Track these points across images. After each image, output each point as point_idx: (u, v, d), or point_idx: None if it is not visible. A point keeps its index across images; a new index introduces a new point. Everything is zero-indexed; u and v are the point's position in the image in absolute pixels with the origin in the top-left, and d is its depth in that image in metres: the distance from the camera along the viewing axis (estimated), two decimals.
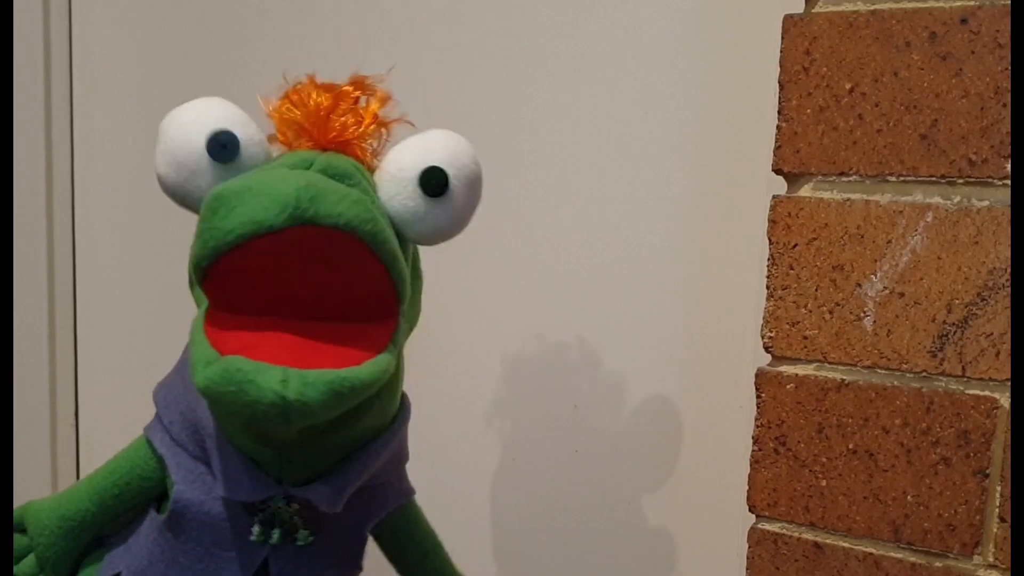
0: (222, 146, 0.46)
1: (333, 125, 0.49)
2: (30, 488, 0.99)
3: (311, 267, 0.43)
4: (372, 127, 0.50)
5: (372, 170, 0.50)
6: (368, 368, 0.44)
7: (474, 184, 0.50)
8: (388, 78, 0.51)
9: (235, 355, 0.42)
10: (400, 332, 0.48)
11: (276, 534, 0.51)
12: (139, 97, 0.97)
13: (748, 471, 0.58)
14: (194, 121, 0.47)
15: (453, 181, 0.48)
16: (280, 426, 0.42)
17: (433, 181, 0.48)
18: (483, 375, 0.83)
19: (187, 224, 1.01)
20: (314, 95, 0.49)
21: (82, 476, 1.03)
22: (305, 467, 0.50)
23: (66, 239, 1.00)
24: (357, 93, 0.50)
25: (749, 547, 0.59)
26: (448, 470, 0.60)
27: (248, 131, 0.47)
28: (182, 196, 0.48)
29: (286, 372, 0.41)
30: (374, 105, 0.50)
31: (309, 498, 0.50)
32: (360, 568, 0.56)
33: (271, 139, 0.50)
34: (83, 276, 1.01)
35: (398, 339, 0.48)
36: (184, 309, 0.99)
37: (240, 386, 0.41)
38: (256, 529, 0.50)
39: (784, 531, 0.58)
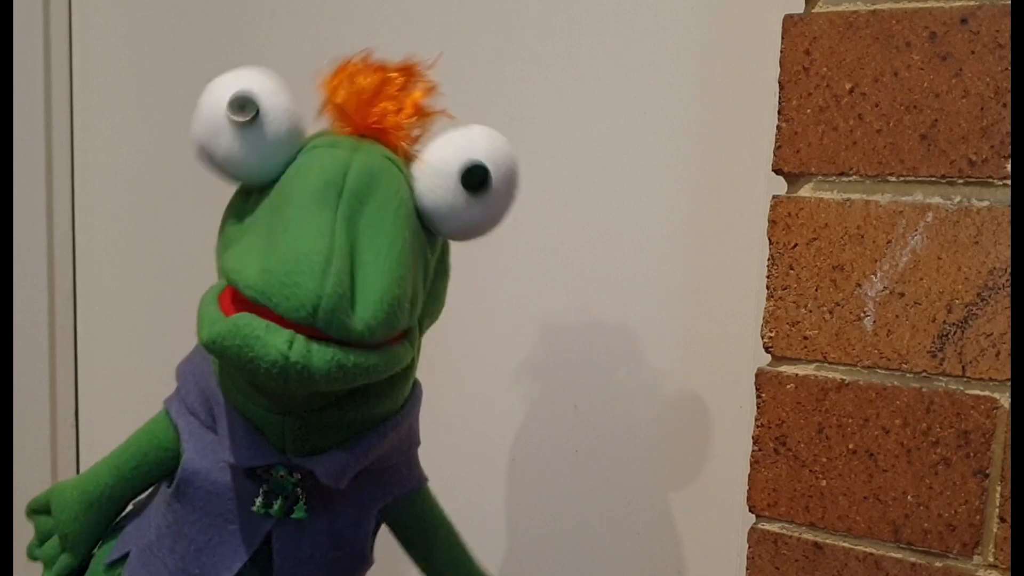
0: (239, 106, 0.46)
1: (373, 111, 0.49)
2: (30, 488, 0.99)
3: None
4: (412, 117, 0.49)
5: (411, 159, 0.49)
6: (378, 354, 0.44)
7: (512, 183, 0.50)
8: (436, 66, 0.50)
9: (246, 313, 0.43)
10: (414, 332, 0.49)
11: (277, 505, 0.51)
12: (139, 96, 0.97)
13: (748, 471, 0.58)
14: (224, 83, 0.48)
15: (494, 178, 0.48)
16: (278, 386, 0.43)
17: (475, 177, 0.47)
18: (483, 375, 0.83)
19: (187, 224, 1.02)
20: (360, 77, 0.48)
21: None
22: (308, 440, 0.50)
23: (66, 239, 1.00)
24: (403, 79, 0.49)
25: (749, 547, 0.59)
26: (447, 470, 0.60)
27: (272, 98, 0.47)
28: (207, 154, 0.48)
29: (295, 336, 0.42)
30: (416, 94, 0.50)
31: (312, 469, 0.50)
32: (368, 560, 0.56)
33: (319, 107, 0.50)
34: (83, 276, 1.01)
35: (412, 337, 0.48)
36: (184, 308, 0.99)
37: (246, 340, 0.42)
38: (259, 501, 0.50)
39: (784, 531, 0.58)
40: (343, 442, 0.50)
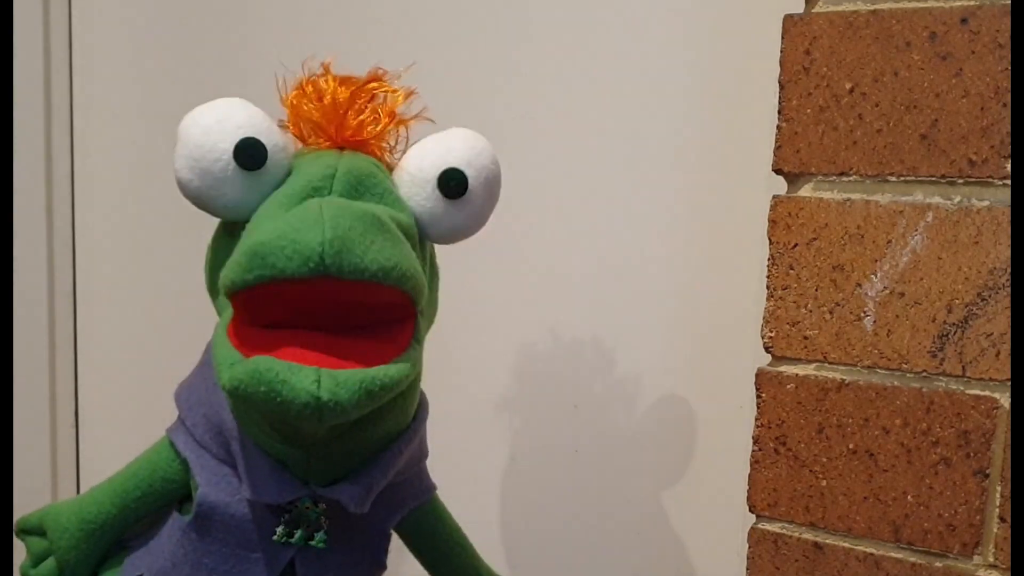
0: (250, 156, 0.45)
1: (350, 123, 0.48)
2: (30, 488, 0.99)
3: (336, 299, 0.43)
4: (390, 125, 0.49)
5: (391, 168, 0.49)
6: (397, 366, 0.44)
7: (492, 185, 0.50)
8: (407, 74, 0.50)
9: (262, 355, 0.42)
10: (420, 329, 0.48)
11: (298, 534, 0.50)
12: (139, 97, 0.97)
13: (748, 471, 0.58)
14: (219, 127, 0.45)
15: (472, 183, 0.48)
16: (312, 425, 0.42)
17: (452, 183, 0.47)
18: (483, 375, 0.83)
19: (187, 225, 1.02)
20: (330, 90, 0.48)
21: (82, 477, 1.03)
22: (331, 467, 0.50)
23: (66, 239, 1.00)
24: (375, 88, 0.49)
25: (749, 547, 0.59)
26: (447, 470, 0.60)
27: (273, 137, 0.46)
28: (204, 201, 0.47)
29: (318, 372, 0.41)
30: (393, 102, 0.49)
31: (338, 499, 0.49)
32: (384, 567, 0.56)
33: (283, 126, 0.49)
34: (83, 276, 1.01)
35: (419, 336, 0.48)
36: (184, 309, 0.99)
37: (271, 386, 0.41)
38: (280, 530, 0.50)
39: (784, 531, 0.58)
40: (361, 465, 0.50)
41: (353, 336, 0.45)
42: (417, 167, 0.48)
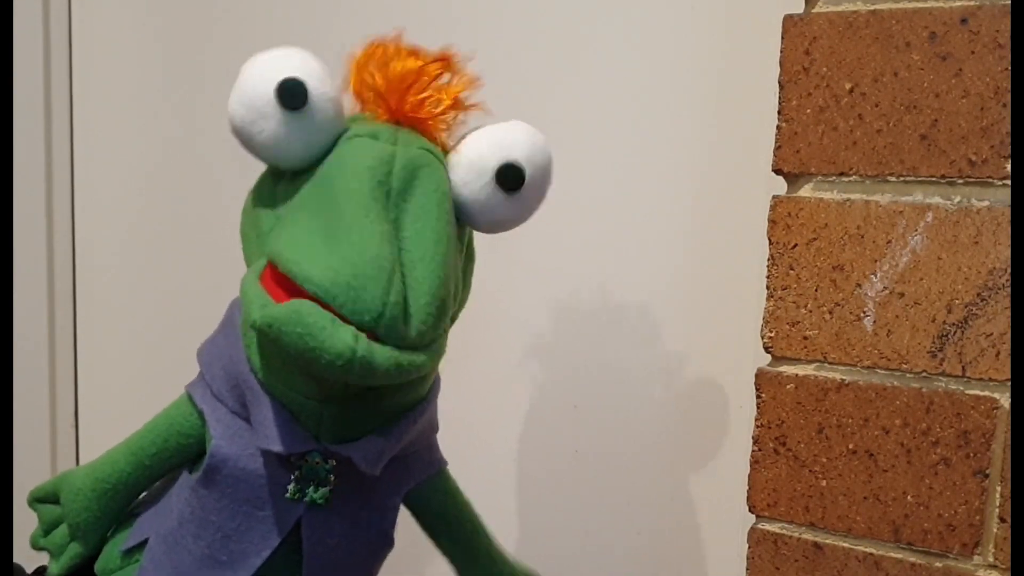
0: (291, 94, 0.46)
1: (410, 99, 0.48)
2: (30, 488, 0.99)
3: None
4: (450, 109, 0.49)
5: (447, 149, 0.49)
6: (430, 351, 0.45)
7: (545, 183, 0.51)
8: (475, 59, 0.50)
9: (307, 300, 0.42)
10: (448, 323, 0.49)
11: (314, 490, 0.50)
12: (139, 97, 0.97)
13: (748, 471, 0.58)
14: (271, 67, 0.47)
15: (529, 179, 0.49)
16: (337, 377, 0.43)
17: (511, 176, 0.48)
18: (483, 375, 0.83)
19: (187, 224, 1.01)
20: (395, 62, 0.48)
21: None
22: (343, 428, 0.50)
23: (66, 239, 1.00)
24: (441, 69, 0.49)
25: (749, 547, 0.59)
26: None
27: (321, 86, 0.47)
28: (247, 135, 0.47)
29: (358, 331, 0.42)
30: (458, 86, 0.49)
31: (349, 456, 0.49)
32: (391, 543, 0.55)
33: (346, 87, 0.49)
34: (83, 276, 1.01)
35: (446, 329, 0.49)
36: (183, 309, 0.99)
37: (308, 328, 0.41)
38: (292, 487, 0.50)
39: (784, 531, 0.58)
40: (376, 429, 0.50)
41: None
42: (477, 154, 0.48)
